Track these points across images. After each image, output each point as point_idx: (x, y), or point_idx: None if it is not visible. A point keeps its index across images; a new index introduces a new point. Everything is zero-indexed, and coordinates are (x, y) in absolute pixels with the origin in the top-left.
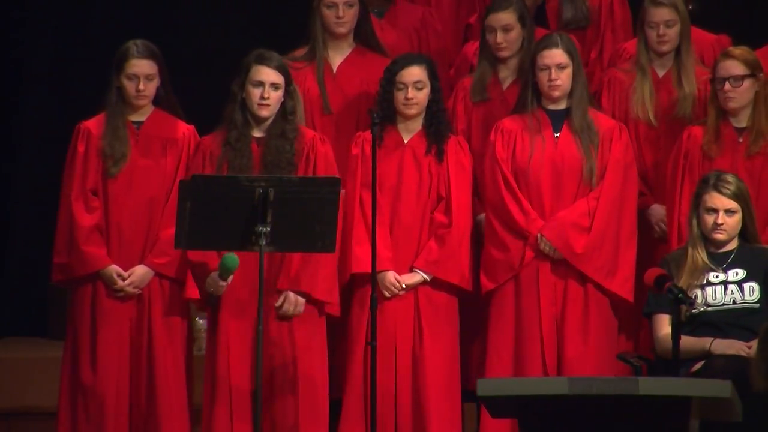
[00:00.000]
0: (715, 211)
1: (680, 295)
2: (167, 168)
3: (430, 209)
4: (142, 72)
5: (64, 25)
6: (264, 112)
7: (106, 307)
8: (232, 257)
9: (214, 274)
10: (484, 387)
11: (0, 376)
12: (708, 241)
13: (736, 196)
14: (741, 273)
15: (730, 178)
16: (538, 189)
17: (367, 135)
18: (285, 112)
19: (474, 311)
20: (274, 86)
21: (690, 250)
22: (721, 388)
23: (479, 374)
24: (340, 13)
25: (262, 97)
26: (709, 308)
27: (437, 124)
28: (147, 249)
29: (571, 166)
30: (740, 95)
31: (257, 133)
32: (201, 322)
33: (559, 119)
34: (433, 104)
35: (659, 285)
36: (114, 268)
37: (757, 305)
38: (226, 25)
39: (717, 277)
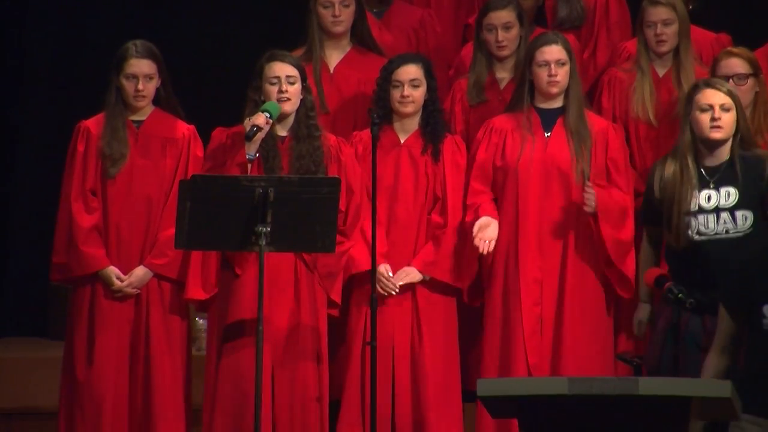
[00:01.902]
0: (711, 107)
1: (680, 295)
2: (166, 168)
3: (427, 209)
4: (141, 72)
5: (65, 24)
6: (286, 107)
7: (105, 308)
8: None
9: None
10: (484, 387)
11: (0, 376)
12: (700, 149)
13: (730, 93)
14: (733, 194)
15: (721, 80)
16: (526, 189)
17: (364, 135)
18: (306, 109)
19: (473, 311)
20: (290, 79)
21: (680, 160)
22: (721, 388)
23: (478, 374)
24: (337, 12)
25: (281, 91)
26: (702, 237)
27: (434, 124)
28: (146, 249)
29: (560, 167)
30: (743, 94)
31: (281, 132)
32: (201, 322)
33: (551, 118)
34: (429, 103)
35: (659, 285)
36: (112, 270)
37: (751, 230)
38: (226, 25)
39: (709, 199)
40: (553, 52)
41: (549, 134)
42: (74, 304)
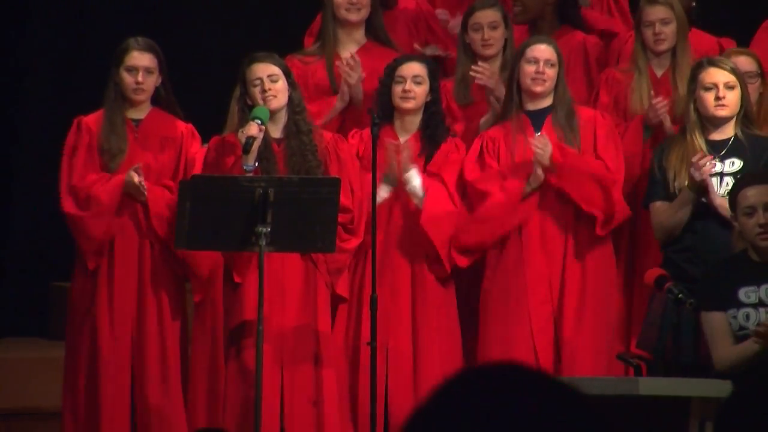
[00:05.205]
0: (715, 86)
1: (680, 295)
2: (165, 166)
3: None
4: (142, 64)
5: (65, 22)
6: (273, 104)
7: (105, 307)
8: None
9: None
10: None
11: (0, 376)
12: (706, 126)
13: (734, 71)
14: (737, 163)
15: (724, 57)
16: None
17: (364, 134)
18: (293, 105)
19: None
20: (273, 78)
21: (688, 136)
22: (721, 388)
23: None
24: None
25: (264, 90)
26: (704, 200)
27: (434, 127)
28: (143, 246)
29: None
30: (751, 93)
31: (275, 134)
32: None
33: (539, 119)
34: (431, 105)
35: (659, 285)
36: (128, 173)
37: None
38: (227, 25)
39: (713, 167)
40: (544, 51)
41: (539, 134)
42: (74, 303)
